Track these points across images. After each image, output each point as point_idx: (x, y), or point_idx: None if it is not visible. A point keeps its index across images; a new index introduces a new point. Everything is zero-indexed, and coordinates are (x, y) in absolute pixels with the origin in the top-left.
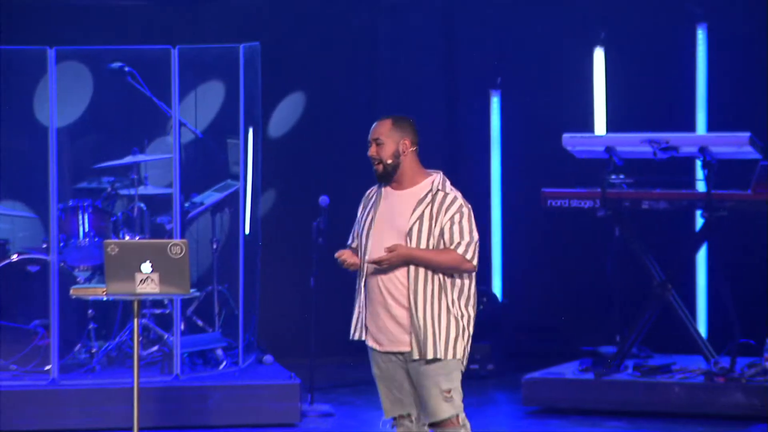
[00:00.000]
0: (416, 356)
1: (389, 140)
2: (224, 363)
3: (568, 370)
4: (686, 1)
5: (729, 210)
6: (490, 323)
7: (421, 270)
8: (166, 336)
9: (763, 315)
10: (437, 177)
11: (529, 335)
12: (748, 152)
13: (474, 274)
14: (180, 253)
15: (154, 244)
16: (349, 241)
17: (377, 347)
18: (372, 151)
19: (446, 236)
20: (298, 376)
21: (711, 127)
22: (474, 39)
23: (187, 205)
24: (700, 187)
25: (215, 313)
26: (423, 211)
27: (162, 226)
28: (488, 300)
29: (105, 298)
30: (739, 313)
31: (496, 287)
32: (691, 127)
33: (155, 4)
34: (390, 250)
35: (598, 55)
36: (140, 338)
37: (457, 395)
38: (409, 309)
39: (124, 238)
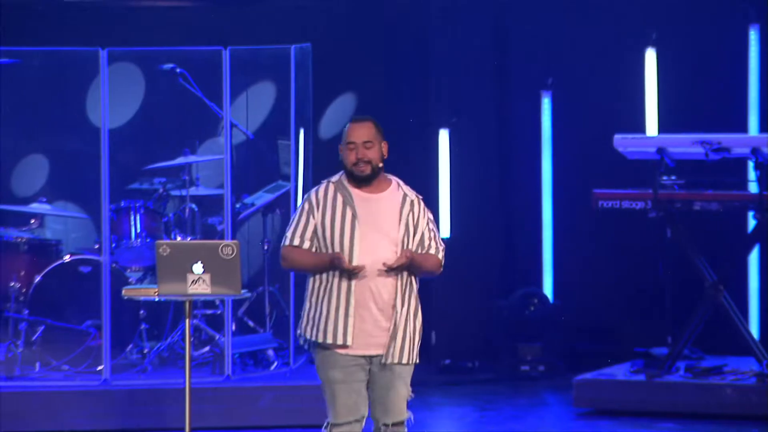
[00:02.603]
0: (396, 360)
1: (376, 142)
2: (275, 363)
3: (620, 372)
4: (739, 1)
5: None
6: (541, 324)
7: (407, 276)
8: (217, 336)
9: None
10: (399, 181)
11: (580, 336)
12: None
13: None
14: (231, 254)
15: (205, 244)
16: (296, 243)
17: (348, 351)
18: (362, 153)
19: (426, 242)
20: None
21: (763, 127)
22: (525, 40)
23: (238, 206)
24: (752, 188)
25: (266, 313)
26: (407, 218)
27: (213, 226)
28: (539, 301)
29: (157, 299)
30: None
31: (547, 288)
32: (743, 127)
33: (207, 5)
34: (406, 255)
35: (650, 56)
36: (192, 339)
37: (412, 395)
38: (397, 313)
39: (175, 238)
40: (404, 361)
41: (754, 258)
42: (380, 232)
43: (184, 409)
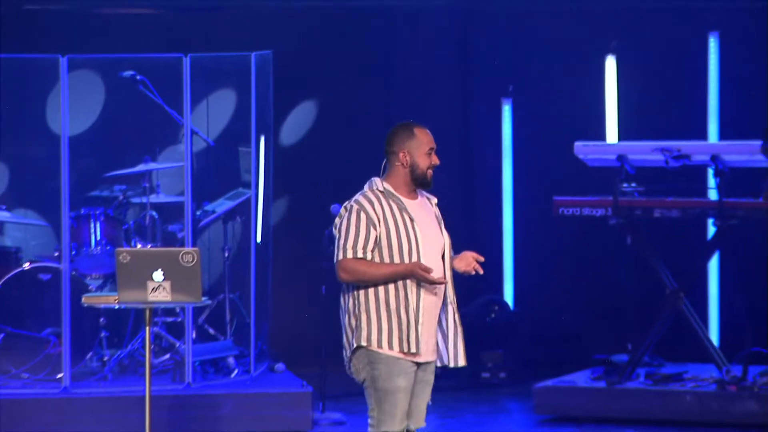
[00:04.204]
0: (460, 363)
1: None
2: (236, 371)
3: (580, 379)
4: (699, 8)
5: (741, 218)
6: (502, 331)
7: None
8: (177, 344)
9: None
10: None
11: (541, 343)
12: (760, 160)
13: None
14: (192, 262)
15: (165, 252)
16: (361, 254)
17: (417, 358)
18: (436, 159)
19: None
20: (309, 384)
21: (723, 135)
22: (486, 47)
23: (198, 213)
24: (712, 195)
25: (227, 321)
26: (441, 220)
27: (174, 234)
28: (500, 308)
29: (117, 307)
30: (751, 322)
31: (508, 295)
32: (702, 135)
33: (167, 12)
34: (477, 258)
35: (610, 63)
36: (152, 346)
37: None
38: (455, 314)
39: (135, 246)
40: (461, 363)
41: (714, 265)
42: (435, 237)
43: (145, 417)
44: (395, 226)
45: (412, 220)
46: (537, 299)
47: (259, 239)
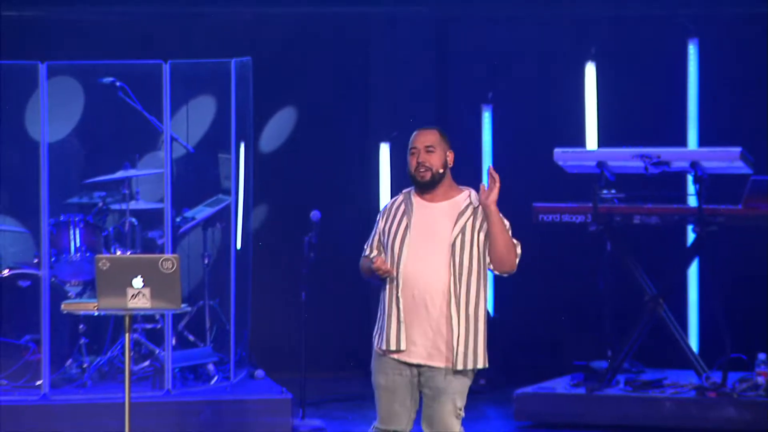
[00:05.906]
0: (452, 367)
1: (439, 149)
2: (215, 378)
3: (560, 385)
4: (678, 15)
5: (720, 225)
6: None
7: (464, 274)
8: (157, 351)
9: (755, 329)
10: (472, 192)
11: (521, 350)
12: (739, 167)
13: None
14: (171, 268)
15: (145, 259)
16: (366, 252)
17: (399, 357)
18: (422, 157)
19: None
20: (289, 391)
21: (702, 141)
22: (466, 53)
23: (178, 219)
24: (692, 201)
25: (206, 327)
26: (465, 224)
27: (153, 240)
28: None
29: (96, 313)
30: (731, 328)
31: (488, 302)
32: (682, 141)
33: (147, 19)
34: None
35: (590, 70)
36: (131, 353)
37: (462, 411)
38: (448, 318)
39: (115, 253)
40: (458, 368)
41: (693, 271)
42: (433, 239)
43: (124, 424)
44: (390, 225)
45: (408, 225)
46: (516, 306)
47: (238, 246)
